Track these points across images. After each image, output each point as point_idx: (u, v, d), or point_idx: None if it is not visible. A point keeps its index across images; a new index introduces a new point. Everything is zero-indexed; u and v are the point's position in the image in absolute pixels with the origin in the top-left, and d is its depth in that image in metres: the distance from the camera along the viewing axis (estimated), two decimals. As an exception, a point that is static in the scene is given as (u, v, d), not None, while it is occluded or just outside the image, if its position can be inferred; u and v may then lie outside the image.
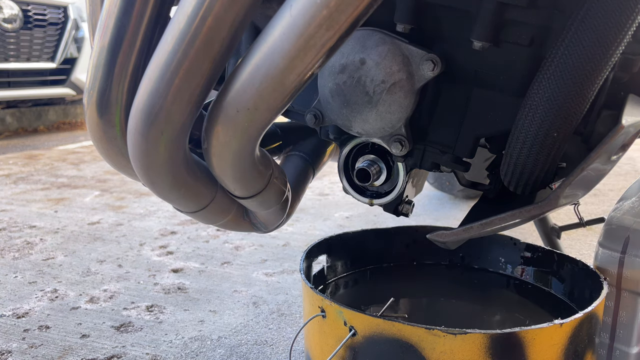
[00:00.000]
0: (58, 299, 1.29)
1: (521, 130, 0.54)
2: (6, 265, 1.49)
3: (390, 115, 0.60)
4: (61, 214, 1.99)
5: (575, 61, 0.48)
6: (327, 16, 0.37)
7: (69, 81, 3.91)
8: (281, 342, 1.10)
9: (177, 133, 0.45)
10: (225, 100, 0.43)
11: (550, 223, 1.31)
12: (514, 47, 0.57)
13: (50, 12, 3.74)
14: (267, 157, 0.54)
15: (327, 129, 0.72)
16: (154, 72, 0.42)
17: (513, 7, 0.53)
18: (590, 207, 2.13)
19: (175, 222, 1.90)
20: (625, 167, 2.91)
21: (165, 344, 1.08)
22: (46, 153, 3.23)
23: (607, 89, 0.57)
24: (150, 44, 0.49)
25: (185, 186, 0.51)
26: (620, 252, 0.79)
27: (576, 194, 0.63)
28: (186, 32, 0.40)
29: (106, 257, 1.57)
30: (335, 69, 0.60)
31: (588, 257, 1.58)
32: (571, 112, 0.51)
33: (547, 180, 0.58)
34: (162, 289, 1.35)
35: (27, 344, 1.08)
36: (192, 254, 1.59)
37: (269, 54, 0.40)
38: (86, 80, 0.50)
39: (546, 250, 0.94)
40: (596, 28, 0.47)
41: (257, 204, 0.56)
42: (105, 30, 0.47)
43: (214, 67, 0.42)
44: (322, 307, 0.72)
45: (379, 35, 0.58)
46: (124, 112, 0.50)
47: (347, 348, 0.70)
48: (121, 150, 0.52)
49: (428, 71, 0.57)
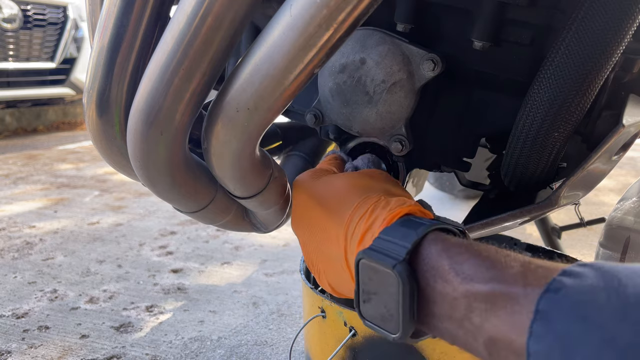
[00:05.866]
0: (58, 299, 1.28)
1: (522, 130, 0.54)
2: (5, 266, 1.49)
3: (391, 115, 0.59)
4: (61, 214, 1.98)
5: (575, 61, 0.48)
6: (327, 16, 0.36)
7: (68, 81, 3.91)
8: (281, 342, 1.10)
9: (176, 133, 0.45)
10: (225, 100, 0.43)
11: (551, 223, 1.31)
12: (514, 47, 0.56)
13: (49, 12, 3.74)
14: (267, 157, 0.54)
15: (327, 129, 0.72)
16: (153, 71, 0.42)
17: (514, 7, 0.53)
18: (590, 207, 2.13)
19: (175, 222, 1.90)
20: (626, 167, 2.91)
21: (165, 344, 1.08)
22: (46, 153, 3.23)
23: (607, 89, 0.57)
24: (150, 43, 0.49)
25: (185, 186, 0.51)
26: (620, 252, 0.78)
27: (577, 194, 0.63)
28: (186, 32, 0.40)
29: (106, 257, 1.57)
30: (335, 69, 0.60)
31: (589, 257, 1.58)
32: (572, 112, 0.51)
33: (547, 180, 0.58)
34: (161, 289, 1.35)
35: (26, 344, 1.07)
36: (192, 254, 1.59)
37: (269, 53, 0.39)
38: (85, 80, 0.50)
39: (547, 250, 0.94)
40: (597, 28, 0.47)
41: (257, 204, 0.56)
42: (104, 30, 0.47)
43: (213, 66, 0.42)
44: (322, 307, 0.72)
45: (379, 35, 0.58)
46: (124, 111, 0.50)
47: (347, 348, 0.69)
48: (121, 150, 0.52)
49: (428, 71, 0.57)
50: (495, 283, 0.33)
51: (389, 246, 0.40)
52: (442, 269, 0.37)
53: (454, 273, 0.36)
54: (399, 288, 0.37)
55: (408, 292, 0.37)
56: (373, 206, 0.46)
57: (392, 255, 0.39)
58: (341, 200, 0.49)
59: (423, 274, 0.38)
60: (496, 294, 0.33)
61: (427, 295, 0.37)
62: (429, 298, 0.37)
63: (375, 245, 0.41)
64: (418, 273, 0.38)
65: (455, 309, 0.35)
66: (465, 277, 0.35)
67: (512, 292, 0.32)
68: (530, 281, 0.32)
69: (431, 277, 0.37)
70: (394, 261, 0.38)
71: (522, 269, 0.33)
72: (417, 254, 0.39)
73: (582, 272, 0.30)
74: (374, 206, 0.46)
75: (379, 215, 0.44)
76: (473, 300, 0.34)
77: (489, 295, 0.33)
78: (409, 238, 0.39)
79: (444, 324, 0.37)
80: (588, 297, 0.28)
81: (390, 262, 0.38)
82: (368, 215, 0.45)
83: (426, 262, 0.38)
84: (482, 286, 0.34)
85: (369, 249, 0.41)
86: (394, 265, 0.38)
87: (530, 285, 0.31)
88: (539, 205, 0.58)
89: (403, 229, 0.41)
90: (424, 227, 0.40)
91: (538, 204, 0.58)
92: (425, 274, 0.38)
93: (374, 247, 0.41)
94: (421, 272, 0.38)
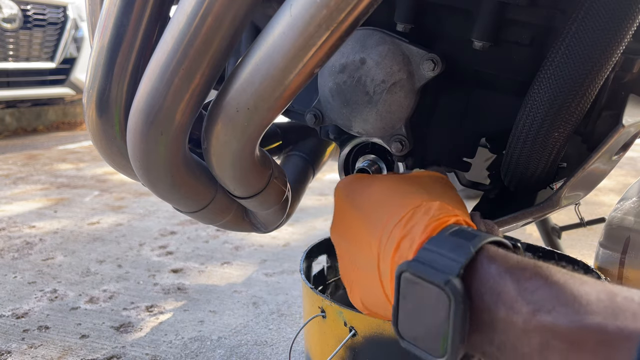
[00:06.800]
0: (57, 299, 1.28)
1: (522, 130, 0.54)
2: (5, 266, 1.48)
3: (391, 115, 0.59)
4: (60, 214, 1.98)
5: (576, 61, 0.48)
6: (327, 16, 0.36)
7: (68, 81, 3.91)
8: (281, 342, 1.10)
9: (176, 133, 0.45)
10: (225, 99, 0.43)
11: (551, 223, 1.31)
12: (514, 47, 0.56)
13: (49, 12, 3.74)
14: (267, 157, 0.54)
15: (327, 129, 0.72)
16: (153, 71, 0.42)
17: (513, 7, 0.53)
18: (590, 207, 2.13)
19: (175, 222, 1.90)
20: (626, 167, 2.91)
21: (165, 344, 1.08)
22: (45, 153, 3.23)
23: (607, 89, 0.57)
24: (150, 43, 0.49)
25: (184, 186, 0.51)
26: (620, 252, 0.78)
27: (578, 195, 0.63)
28: (186, 32, 0.40)
29: (106, 257, 1.57)
30: (335, 69, 0.60)
31: (589, 257, 1.58)
32: (572, 112, 0.50)
33: (547, 180, 0.58)
34: (161, 289, 1.35)
35: (26, 344, 1.07)
36: (192, 254, 1.59)
37: (269, 53, 0.39)
38: (85, 80, 0.50)
39: (547, 250, 0.94)
40: (597, 28, 0.47)
41: (257, 204, 0.56)
42: (104, 29, 0.47)
43: (213, 66, 0.42)
44: (322, 307, 0.72)
45: (379, 35, 0.58)
46: (124, 111, 0.50)
47: (347, 348, 0.69)
48: (120, 150, 0.52)
49: (428, 71, 0.57)
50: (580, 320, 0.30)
51: (438, 259, 0.36)
52: (507, 294, 0.33)
53: (523, 302, 0.32)
54: (451, 308, 0.34)
55: (460, 314, 0.33)
56: (412, 212, 0.42)
57: (442, 270, 0.35)
58: (377, 204, 0.46)
59: (481, 296, 0.34)
60: (583, 334, 0.29)
61: (484, 320, 0.34)
62: (486, 324, 0.34)
63: (421, 257, 0.37)
64: (473, 293, 0.35)
65: (524, 343, 0.32)
66: (539, 309, 0.31)
67: (604, 334, 0.28)
68: (622, 320, 0.28)
69: (492, 301, 0.34)
70: (445, 277, 0.34)
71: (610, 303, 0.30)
72: (472, 270, 0.35)
73: None
74: (414, 212, 0.42)
75: (419, 221, 0.40)
76: (551, 338, 0.30)
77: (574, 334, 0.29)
78: (463, 251, 0.35)
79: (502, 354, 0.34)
80: None
81: (441, 277, 0.34)
82: (406, 221, 0.41)
83: (484, 283, 0.35)
84: (564, 322, 0.30)
85: (415, 261, 0.37)
86: (446, 282, 0.34)
87: (625, 326, 0.28)
88: (540, 206, 0.58)
89: (454, 239, 0.37)
90: (479, 239, 0.36)
91: (540, 205, 0.58)
92: (483, 296, 0.34)
93: (420, 259, 0.37)
94: (478, 293, 0.34)
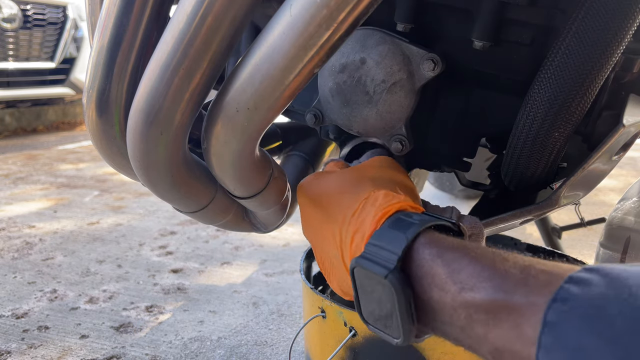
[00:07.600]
0: (57, 299, 1.28)
1: (522, 130, 0.54)
2: (5, 266, 1.48)
3: (391, 115, 0.59)
4: (60, 214, 1.98)
5: (576, 61, 0.48)
6: (327, 15, 0.36)
7: (68, 81, 3.90)
8: (281, 342, 1.10)
9: (176, 133, 0.45)
10: (225, 99, 0.43)
11: (551, 223, 1.31)
12: (514, 47, 0.56)
13: (49, 12, 3.74)
14: (267, 157, 0.54)
15: (327, 129, 0.72)
16: (153, 71, 0.42)
17: (514, 7, 0.53)
18: (590, 207, 2.13)
19: (175, 222, 1.89)
20: (626, 167, 2.91)
21: (165, 344, 1.08)
22: (45, 153, 3.23)
23: (608, 89, 0.57)
24: (149, 43, 0.48)
25: (185, 186, 0.51)
26: (621, 252, 0.78)
27: (577, 194, 0.63)
28: (186, 32, 0.40)
29: (105, 257, 1.57)
30: (335, 69, 0.60)
31: (589, 257, 1.58)
32: (572, 111, 0.50)
33: (548, 180, 0.58)
34: (161, 289, 1.35)
35: (26, 344, 1.07)
36: (192, 254, 1.59)
37: (269, 53, 0.39)
38: (85, 79, 0.50)
39: (547, 250, 0.94)
40: (597, 28, 0.47)
41: (257, 204, 0.56)
42: (104, 29, 0.47)
43: (213, 66, 0.42)
44: (322, 307, 0.72)
45: (379, 35, 0.58)
46: (124, 111, 0.50)
47: (347, 348, 0.69)
48: (120, 150, 0.52)
49: (428, 71, 0.57)
50: (496, 293, 0.33)
51: (380, 253, 0.39)
52: (438, 276, 0.36)
53: (451, 282, 0.35)
54: (394, 297, 0.37)
55: (403, 301, 0.37)
56: (363, 204, 0.45)
57: (383, 264, 0.38)
58: (332, 200, 0.49)
59: (419, 281, 0.37)
60: (497, 305, 0.32)
61: (425, 301, 0.37)
62: (427, 305, 0.37)
63: (366, 253, 0.40)
64: (413, 279, 0.38)
65: (456, 318, 0.35)
66: (464, 287, 0.34)
67: (514, 303, 0.31)
68: (532, 289, 0.31)
69: (427, 284, 0.37)
70: (385, 271, 0.37)
71: (523, 275, 0.32)
72: (410, 258, 0.38)
73: (590, 280, 0.29)
74: (364, 204, 0.45)
75: (368, 214, 0.43)
76: (473, 312, 0.33)
77: (490, 307, 0.32)
78: (399, 243, 0.38)
79: (446, 328, 0.36)
80: (598, 310, 0.27)
81: (382, 271, 0.37)
82: (357, 215, 0.44)
83: (420, 268, 0.38)
84: (482, 297, 0.33)
85: (361, 257, 0.40)
86: (386, 276, 0.37)
87: (533, 293, 0.31)
88: (539, 205, 0.58)
89: (392, 232, 0.40)
90: (414, 228, 0.39)
91: (539, 204, 0.58)
92: (421, 281, 0.37)
93: (365, 255, 0.40)
94: (416, 278, 0.38)
